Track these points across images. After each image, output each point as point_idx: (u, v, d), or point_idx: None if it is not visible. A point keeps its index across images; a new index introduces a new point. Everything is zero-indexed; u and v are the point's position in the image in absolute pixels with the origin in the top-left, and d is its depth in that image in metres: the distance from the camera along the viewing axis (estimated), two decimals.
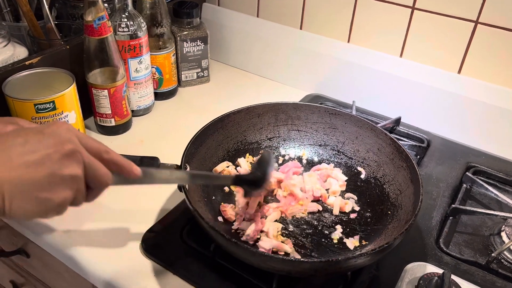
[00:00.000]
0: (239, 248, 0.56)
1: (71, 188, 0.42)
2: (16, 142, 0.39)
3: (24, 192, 0.39)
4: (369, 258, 0.57)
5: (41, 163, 0.39)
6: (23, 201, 0.39)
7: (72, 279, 0.80)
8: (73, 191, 0.42)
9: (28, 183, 0.39)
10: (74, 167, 0.41)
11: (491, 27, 0.85)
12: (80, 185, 0.43)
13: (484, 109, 0.90)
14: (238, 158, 0.81)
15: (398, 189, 0.72)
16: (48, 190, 0.40)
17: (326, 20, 1.04)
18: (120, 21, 0.89)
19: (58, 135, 0.41)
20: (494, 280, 0.64)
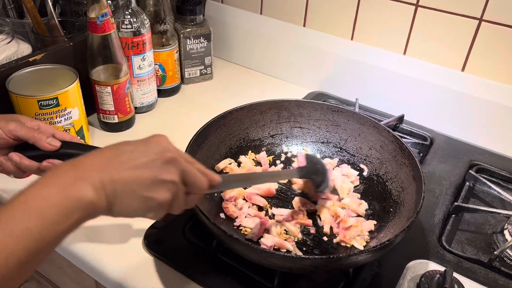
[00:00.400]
0: (241, 244, 0.57)
1: (170, 190, 0.47)
2: (127, 149, 0.46)
3: (132, 191, 0.45)
4: (371, 255, 0.57)
5: (146, 167, 0.46)
6: (130, 199, 0.45)
7: (75, 275, 0.80)
8: (171, 194, 0.47)
9: (136, 183, 0.45)
10: (173, 172, 0.47)
11: (495, 25, 0.85)
12: (178, 189, 0.48)
13: (487, 107, 0.90)
14: (241, 155, 0.81)
15: (400, 186, 0.71)
16: (151, 190, 0.46)
17: (330, 17, 1.04)
18: (124, 18, 0.89)
19: (160, 144, 0.48)
20: (496, 278, 0.64)
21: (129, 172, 0.45)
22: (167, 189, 0.47)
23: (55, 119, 0.77)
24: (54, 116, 0.77)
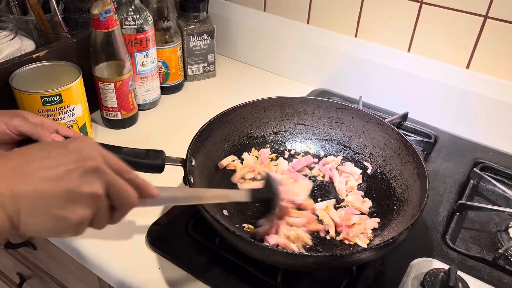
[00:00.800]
0: (243, 241, 0.56)
1: (90, 207, 0.40)
2: (38, 156, 0.39)
3: (40, 208, 0.37)
4: (374, 253, 0.56)
5: (60, 178, 0.38)
6: (39, 218, 0.37)
7: (78, 272, 0.80)
8: (92, 210, 0.40)
9: (45, 198, 0.37)
10: (95, 185, 0.39)
11: (501, 22, 0.84)
12: (101, 204, 0.41)
13: (492, 105, 0.89)
14: (244, 152, 0.81)
15: (404, 184, 0.71)
16: (65, 207, 0.38)
17: (333, 14, 1.03)
18: (127, 14, 0.89)
19: (80, 150, 0.40)
20: (501, 277, 0.64)
21: (37, 185, 0.37)
22: (86, 205, 0.39)
23: (58, 116, 0.77)
24: (58, 113, 0.77)
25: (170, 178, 0.76)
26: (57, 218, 0.38)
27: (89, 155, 0.40)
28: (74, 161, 0.39)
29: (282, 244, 0.64)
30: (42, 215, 0.37)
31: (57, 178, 0.38)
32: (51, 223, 0.38)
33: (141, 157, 0.63)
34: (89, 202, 0.39)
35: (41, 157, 0.38)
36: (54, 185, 0.37)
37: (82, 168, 0.39)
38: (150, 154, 0.63)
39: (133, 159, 0.62)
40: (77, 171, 0.39)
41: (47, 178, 0.37)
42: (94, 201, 0.40)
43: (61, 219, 0.38)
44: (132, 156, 0.62)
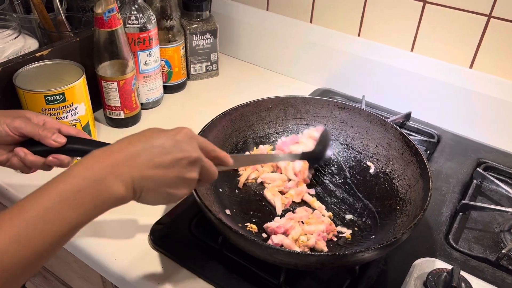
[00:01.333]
0: (246, 241, 0.56)
1: (189, 187, 0.52)
2: (156, 144, 0.49)
3: (158, 188, 0.49)
4: (377, 252, 0.56)
5: (172, 166, 0.49)
6: (156, 194, 0.49)
7: (81, 270, 0.81)
8: (191, 189, 0.53)
9: (162, 181, 0.48)
10: (195, 172, 0.51)
11: (504, 21, 0.84)
12: (195, 183, 0.53)
13: (495, 104, 0.89)
14: (246, 151, 0.81)
15: (407, 184, 0.71)
16: (174, 187, 0.50)
17: (336, 13, 1.03)
18: (130, 13, 0.89)
19: (186, 143, 0.50)
20: (504, 277, 0.64)
21: (157, 170, 0.48)
22: (188, 186, 0.51)
23: (61, 115, 0.78)
24: (61, 112, 0.77)
25: None
26: (168, 194, 0.50)
27: (192, 148, 0.51)
28: (183, 152, 0.50)
29: (286, 245, 0.64)
30: (159, 191, 0.49)
31: (171, 166, 0.49)
32: (163, 197, 0.50)
33: None
34: (190, 184, 0.52)
35: (159, 145, 0.49)
36: (168, 171, 0.49)
37: (188, 159, 0.50)
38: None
39: None
40: (184, 161, 0.50)
41: (164, 165, 0.48)
42: (193, 183, 0.52)
43: (171, 195, 0.50)
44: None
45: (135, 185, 0.47)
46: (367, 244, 0.67)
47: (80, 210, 0.44)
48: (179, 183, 0.50)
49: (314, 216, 0.70)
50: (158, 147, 0.49)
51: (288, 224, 0.66)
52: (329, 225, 0.68)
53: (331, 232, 0.68)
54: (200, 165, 0.52)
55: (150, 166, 0.48)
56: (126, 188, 0.47)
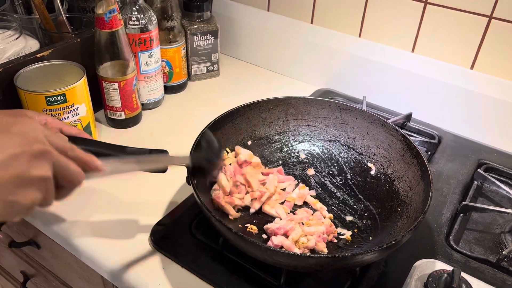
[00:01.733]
0: (246, 242, 0.56)
1: (40, 189, 0.40)
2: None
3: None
4: (377, 254, 0.56)
5: (8, 164, 0.37)
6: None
7: (82, 270, 0.81)
8: (42, 193, 0.40)
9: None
10: (43, 167, 0.39)
11: (505, 22, 0.84)
12: (49, 185, 0.41)
13: (496, 105, 0.89)
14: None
15: (408, 185, 0.71)
16: (15, 192, 0.38)
17: (337, 14, 1.03)
18: (131, 14, 0.89)
19: (25, 134, 0.39)
20: (504, 278, 0.64)
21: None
22: (36, 188, 0.39)
23: (62, 115, 0.78)
24: (62, 112, 0.77)
25: (173, 178, 0.76)
26: (8, 203, 0.38)
27: (34, 138, 0.39)
28: (20, 145, 0.38)
29: (286, 246, 0.64)
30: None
31: (5, 165, 0.37)
32: (2, 208, 0.38)
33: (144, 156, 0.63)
34: (39, 185, 0.39)
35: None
36: (2, 172, 0.37)
37: (29, 152, 0.38)
38: (153, 154, 0.63)
39: None
40: (24, 156, 0.38)
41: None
42: (43, 183, 0.40)
43: (12, 203, 0.38)
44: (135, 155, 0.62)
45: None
46: (367, 246, 0.67)
47: None
48: (21, 186, 0.38)
49: (315, 218, 0.70)
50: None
51: (288, 226, 0.66)
52: (329, 227, 0.68)
53: (331, 233, 0.68)
54: (51, 160, 0.40)
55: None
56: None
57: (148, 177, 0.66)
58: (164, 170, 0.64)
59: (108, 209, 0.74)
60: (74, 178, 0.44)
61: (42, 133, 0.41)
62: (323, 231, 0.67)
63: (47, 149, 0.40)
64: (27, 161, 0.38)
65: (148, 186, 0.78)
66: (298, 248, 0.64)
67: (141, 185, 0.78)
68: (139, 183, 0.78)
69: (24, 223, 0.83)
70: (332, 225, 0.69)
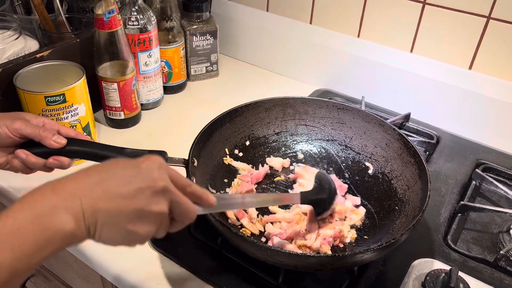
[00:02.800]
0: (246, 242, 0.57)
1: (156, 223, 0.44)
2: (115, 173, 0.42)
3: (114, 223, 0.41)
4: (375, 253, 0.56)
5: (133, 197, 0.41)
6: (112, 230, 0.41)
7: (81, 270, 0.81)
8: (157, 226, 0.44)
9: (120, 215, 0.41)
10: (162, 204, 0.43)
11: (503, 23, 0.84)
12: (165, 220, 0.45)
13: (494, 105, 0.89)
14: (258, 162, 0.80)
15: (406, 184, 0.71)
16: (135, 223, 0.42)
17: (336, 14, 1.03)
18: (130, 14, 0.90)
19: (152, 171, 0.43)
20: (502, 278, 0.64)
21: (113, 202, 0.41)
22: (153, 222, 0.43)
23: (62, 116, 0.78)
24: (61, 113, 0.78)
25: None
26: (128, 232, 0.42)
27: (159, 176, 0.43)
28: (146, 181, 0.42)
29: (286, 248, 0.64)
30: (115, 228, 0.41)
31: (131, 197, 0.41)
32: (122, 235, 0.42)
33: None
34: (155, 219, 0.43)
35: (118, 175, 0.42)
36: (128, 203, 0.41)
37: (152, 188, 0.42)
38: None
39: None
40: (148, 191, 0.42)
41: (122, 196, 0.41)
42: (159, 218, 0.44)
43: (131, 232, 0.42)
44: (134, 157, 0.62)
45: (86, 218, 0.40)
46: (366, 245, 0.67)
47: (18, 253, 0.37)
48: (142, 217, 0.42)
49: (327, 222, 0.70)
50: (117, 176, 0.42)
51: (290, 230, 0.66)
52: (338, 232, 0.68)
53: (338, 239, 0.68)
54: (170, 197, 0.44)
55: (106, 197, 0.41)
56: (76, 222, 0.39)
57: None
58: None
59: None
60: (188, 214, 0.47)
61: (165, 171, 0.45)
62: (331, 235, 0.67)
63: (167, 187, 0.44)
64: (150, 196, 0.42)
65: None
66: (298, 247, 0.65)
67: None
68: None
69: None
70: (342, 231, 0.68)
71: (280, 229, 0.68)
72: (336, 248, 0.67)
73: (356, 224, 0.71)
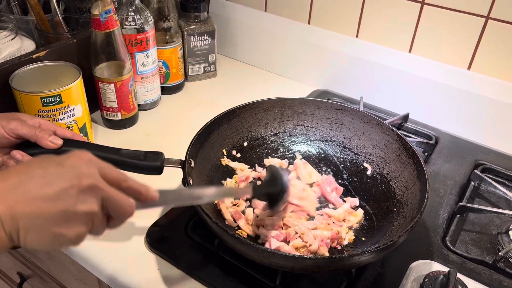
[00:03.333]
0: (242, 243, 0.56)
1: (86, 223, 0.41)
2: (36, 174, 0.39)
3: (38, 227, 0.38)
4: (373, 255, 0.56)
5: (57, 198, 0.39)
6: (38, 235, 0.39)
7: (78, 272, 0.80)
8: (87, 226, 0.42)
9: (43, 218, 0.38)
10: (90, 203, 0.41)
11: (502, 23, 0.84)
12: (96, 219, 0.42)
13: (493, 106, 0.89)
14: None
15: (404, 186, 0.71)
16: (62, 225, 0.39)
17: (335, 14, 1.03)
18: (127, 14, 0.89)
19: (76, 167, 0.41)
20: (501, 279, 0.64)
21: (34, 205, 0.38)
22: (82, 222, 0.41)
23: (58, 116, 0.77)
24: (57, 113, 0.77)
25: (169, 180, 0.76)
26: (55, 235, 0.39)
27: (85, 173, 0.41)
28: (70, 180, 0.40)
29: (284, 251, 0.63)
30: (40, 232, 0.39)
31: (54, 198, 0.39)
32: (49, 240, 0.39)
33: (140, 159, 0.63)
34: (84, 219, 0.41)
35: (39, 175, 0.39)
36: (51, 205, 0.38)
37: (77, 187, 0.40)
38: (149, 156, 0.63)
39: (132, 161, 0.62)
40: (73, 190, 0.39)
41: (43, 198, 0.38)
42: (89, 217, 0.41)
43: (58, 235, 0.39)
44: (131, 158, 0.62)
45: (6, 225, 0.37)
46: (363, 247, 0.67)
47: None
48: (68, 219, 0.39)
49: (324, 223, 0.69)
50: (38, 176, 0.39)
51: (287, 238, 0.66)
52: (335, 234, 0.67)
53: (336, 240, 0.67)
54: (100, 194, 0.42)
55: (25, 200, 0.38)
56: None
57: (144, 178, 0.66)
58: (160, 171, 0.64)
59: None
60: (123, 211, 0.44)
61: (94, 167, 0.42)
62: (328, 236, 0.66)
63: (95, 184, 0.41)
64: (75, 196, 0.39)
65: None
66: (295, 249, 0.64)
67: None
68: None
69: None
70: (340, 233, 0.68)
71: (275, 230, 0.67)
72: (333, 250, 0.66)
73: (354, 226, 0.70)
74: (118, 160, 0.61)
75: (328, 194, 0.75)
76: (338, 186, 0.76)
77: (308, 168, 0.79)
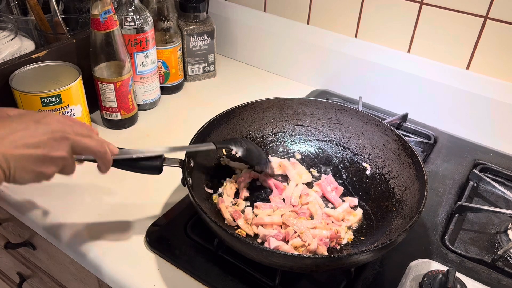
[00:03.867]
0: (241, 243, 0.56)
1: (58, 165, 0.54)
2: (19, 127, 0.51)
3: (24, 166, 0.51)
4: (372, 254, 0.56)
5: (37, 145, 0.51)
6: (23, 172, 0.51)
7: (77, 272, 0.81)
8: (59, 167, 0.54)
9: (28, 159, 0.51)
10: (61, 150, 0.53)
11: (501, 23, 0.84)
12: (67, 161, 0.54)
13: (492, 106, 0.89)
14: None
15: (403, 185, 0.71)
16: (41, 166, 0.52)
17: (334, 14, 1.03)
18: (127, 15, 0.89)
19: (50, 125, 0.53)
20: (499, 278, 0.64)
21: (20, 150, 0.50)
22: (55, 164, 0.53)
23: None
24: (57, 113, 0.77)
25: (168, 179, 0.76)
26: (37, 173, 0.52)
27: (55, 129, 0.53)
28: (45, 133, 0.52)
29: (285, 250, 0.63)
30: (26, 170, 0.51)
31: (35, 146, 0.51)
32: (33, 175, 0.52)
33: (140, 159, 0.63)
34: (57, 162, 0.53)
35: (22, 129, 0.51)
36: (33, 151, 0.51)
37: (52, 138, 0.52)
38: (148, 156, 0.63)
39: (132, 161, 0.62)
40: (49, 141, 0.52)
41: (27, 146, 0.50)
42: (61, 161, 0.54)
43: (39, 173, 0.52)
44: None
45: (2, 163, 0.49)
46: (362, 246, 0.67)
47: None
48: (45, 161, 0.52)
49: (323, 222, 0.69)
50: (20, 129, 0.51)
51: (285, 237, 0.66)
52: (334, 233, 0.67)
53: (335, 240, 0.67)
54: (70, 143, 0.54)
55: (14, 146, 0.50)
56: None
57: (143, 178, 0.66)
58: (159, 171, 0.64)
59: (103, 210, 0.73)
60: (93, 148, 0.56)
61: (66, 123, 0.54)
62: (327, 235, 0.66)
63: (66, 135, 0.53)
64: (51, 146, 0.52)
65: (143, 187, 0.78)
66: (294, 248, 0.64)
67: (137, 186, 0.78)
68: (134, 184, 0.78)
69: (20, 224, 0.83)
70: (339, 232, 0.68)
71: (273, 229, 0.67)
72: (332, 249, 0.67)
73: (353, 226, 0.70)
74: (118, 160, 0.61)
75: (328, 193, 0.75)
76: (338, 186, 0.77)
77: (298, 168, 0.79)
